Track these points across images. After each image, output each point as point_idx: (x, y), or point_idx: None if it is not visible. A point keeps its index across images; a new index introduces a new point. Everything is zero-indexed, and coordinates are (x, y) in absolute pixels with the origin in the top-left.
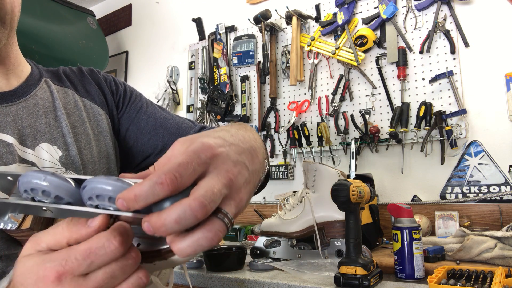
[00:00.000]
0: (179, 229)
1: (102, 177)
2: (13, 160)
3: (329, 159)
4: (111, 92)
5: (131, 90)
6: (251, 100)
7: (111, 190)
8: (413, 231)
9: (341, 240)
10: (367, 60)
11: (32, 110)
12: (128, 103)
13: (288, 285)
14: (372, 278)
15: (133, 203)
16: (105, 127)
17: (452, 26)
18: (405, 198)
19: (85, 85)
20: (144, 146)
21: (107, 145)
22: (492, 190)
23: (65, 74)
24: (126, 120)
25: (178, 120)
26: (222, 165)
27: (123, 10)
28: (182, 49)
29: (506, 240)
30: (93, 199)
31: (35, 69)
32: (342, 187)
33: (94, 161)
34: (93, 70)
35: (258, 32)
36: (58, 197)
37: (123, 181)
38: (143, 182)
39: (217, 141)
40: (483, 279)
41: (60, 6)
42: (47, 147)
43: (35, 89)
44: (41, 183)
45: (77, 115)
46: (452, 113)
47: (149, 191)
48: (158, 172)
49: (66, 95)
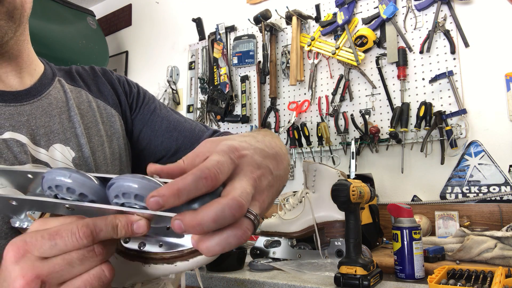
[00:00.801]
0: (214, 228)
1: (128, 175)
2: (27, 160)
3: (329, 159)
4: (125, 93)
5: (144, 92)
6: (251, 100)
7: (138, 188)
8: (413, 231)
9: (341, 240)
10: (367, 60)
11: (46, 110)
12: (142, 105)
13: (288, 285)
14: (372, 278)
15: (174, 198)
16: (118, 128)
17: (452, 26)
18: (405, 198)
19: (98, 85)
20: (157, 148)
21: (119, 146)
22: (492, 190)
23: (78, 74)
24: (140, 121)
25: (191, 124)
26: (247, 167)
27: (123, 10)
28: (182, 49)
29: (506, 240)
30: (119, 197)
31: (48, 68)
32: (342, 187)
33: (106, 163)
34: (106, 70)
35: (258, 32)
36: (83, 195)
37: (149, 179)
38: (185, 177)
39: (242, 144)
40: (483, 279)
41: (60, 6)
42: (60, 147)
43: (49, 88)
44: (66, 180)
45: (90, 115)
46: (452, 113)
47: (192, 185)
48: (201, 167)
49: (80, 95)
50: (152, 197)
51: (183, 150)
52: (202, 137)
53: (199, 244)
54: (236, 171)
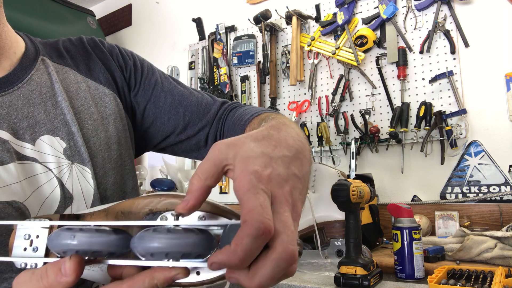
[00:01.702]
0: (273, 284)
1: (149, 229)
2: (11, 159)
3: (329, 159)
4: (120, 68)
5: (142, 62)
6: (251, 100)
7: (169, 247)
8: (413, 231)
9: (341, 240)
10: (367, 60)
11: (28, 98)
12: (142, 79)
13: (288, 285)
14: (372, 278)
15: (237, 267)
16: (114, 109)
17: (452, 26)
18: (405, 198)
19: (88, 62)
20: (163, 125)
21: (117, 129)
22: (492, 190)
23: (66, 49)
24: (142, 99)
25: (197, 96)
26: (278, 190)
27: (123, 10)
28: (182, 49)
29: (506, 240)
30: (147, 256)
31: (30, 46)
32: (342, 187)
33: (103, 149)
34: (96, 42)
35: (258, 32)
36: (97, 253)
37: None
38: (242, 241)
39: (263, 160)
40: (483, 279)
41: (60, 6)
42: (48, 139)
43: (31, 72)
44: (72, 243)
45: (81, 98)
46: (452, 113)
47: (254, 248)
48: (252, 223)
49: (67, 76)
50: (213, 263)
51: (191, 126)
52: (210, 110)
53: (247, 282)
54: (273, 198)
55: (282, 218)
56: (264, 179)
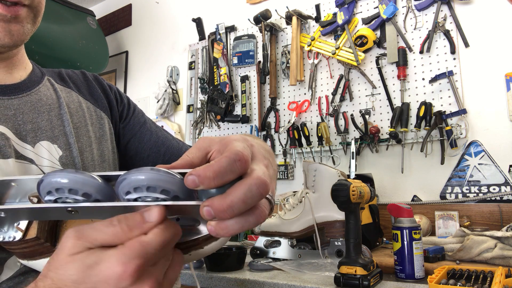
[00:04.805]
0: (243, 210)
1: (134, 170)
2: (11, 154)
3: (329, 159)
4: (116, 100)
5: (134, 105)
6: (251, 100)
7: (153, 179)
8: (413, 231)
9: (341, 240)
10: (367, 60)
11: (35, 105)
12: (132, 116)
13: (288, 285)
14: (372, 278)
15: (209, 179)
16: (107, 132)
17: (452, 26)
18: (405, 198)
19: (89, 88)
20: (143, 161)
21: (108, 149)
22: (492, 190)
23: (68, 76)
24: (129, 131)
25: (178, 142)
26: (258, 155)
27: (123, 10)
28: (182, 49)
29: (506, 240)
30: (131, 192)
31: (36, 68)
32: (342, 187)
33: (94, 164)
34: (97, 76)
35: (258, 32)
36: (86, 195)
37: (158, 170)
38: (220, 159)
39: (243, 142)
40: (483, 279)
41: (60, 6)
42: (47, 145)
43: (39, 85)
44: (66, 181)
45: (80, 115)
46: (452, 113)
47: (228, 167)
48: (232, 150)
49: (70, 95)
50: (189, 175)
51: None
52: None
53: (217, 227)
54: (252, 157)
55: (259, 164)
56: (248, 143)
